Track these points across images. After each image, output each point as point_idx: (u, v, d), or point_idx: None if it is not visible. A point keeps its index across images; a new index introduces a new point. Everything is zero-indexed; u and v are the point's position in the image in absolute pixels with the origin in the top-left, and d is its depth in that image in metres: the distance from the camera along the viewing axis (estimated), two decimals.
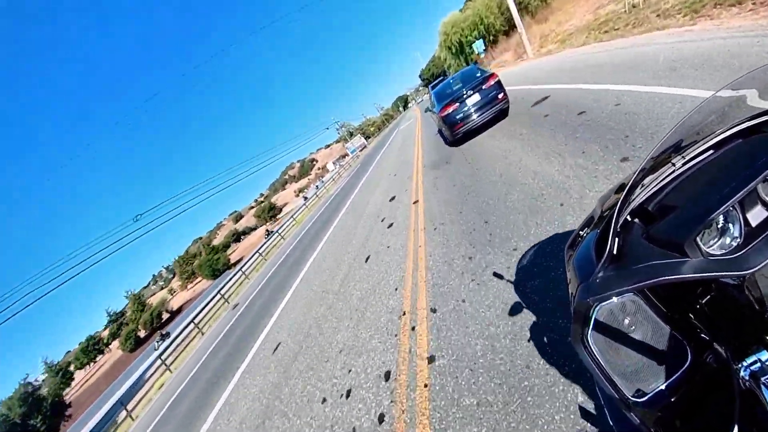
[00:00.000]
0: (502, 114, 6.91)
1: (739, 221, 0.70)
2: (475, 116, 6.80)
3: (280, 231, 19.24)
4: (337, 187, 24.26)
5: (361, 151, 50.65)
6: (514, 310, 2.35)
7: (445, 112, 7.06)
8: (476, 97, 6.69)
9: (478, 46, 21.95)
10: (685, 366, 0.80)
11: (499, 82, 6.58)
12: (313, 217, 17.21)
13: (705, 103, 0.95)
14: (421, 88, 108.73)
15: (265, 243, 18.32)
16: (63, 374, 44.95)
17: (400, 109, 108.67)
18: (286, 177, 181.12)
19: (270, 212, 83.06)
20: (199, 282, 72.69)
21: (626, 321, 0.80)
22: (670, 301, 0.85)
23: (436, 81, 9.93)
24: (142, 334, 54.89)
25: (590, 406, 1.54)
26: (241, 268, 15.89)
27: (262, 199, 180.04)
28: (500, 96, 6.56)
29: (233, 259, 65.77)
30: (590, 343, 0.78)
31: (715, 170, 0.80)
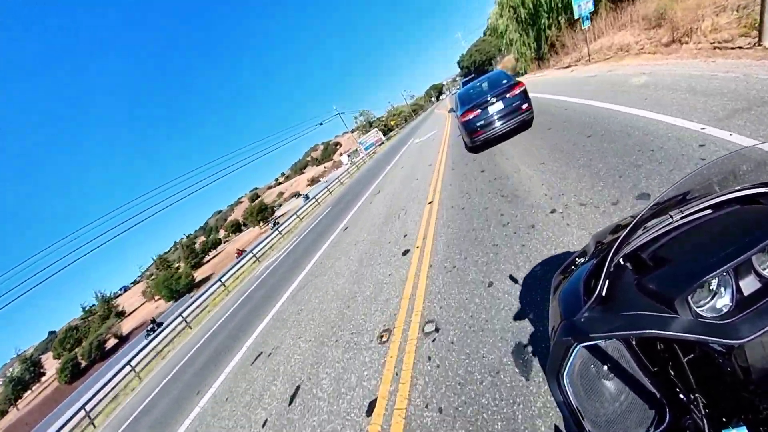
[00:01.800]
0: (524, 125, 6.82)
1: (732, 288, 0.71)
2: (496, 125, 6.76)
3: (254, 252, 16.04)
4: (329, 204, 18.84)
5: (379, 146, 43.78)
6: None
7: (466, 118, 7.04)
8: (499, 105, 6.63)
9: (583, 7, 10.99)
10: (663, 427, 0.78)
11: (524, 92, 6.47)
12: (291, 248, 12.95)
13: (719, 160, 0.97)
14: (458, 78, 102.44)
15: (230, 270, 15.08)
16: None
17: (432, 99, 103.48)
18: (308, 159, 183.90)
19: (260, 214, 72.35)
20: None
21: (605, 367, 0.80)
22: (653, 351, 0.85)
23: (466, 78, 9.94)
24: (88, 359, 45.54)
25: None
26: (205, 293, 14.24)
27: (282, 179, 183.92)
28: (524, 106, 6.47)
29: (205, 272, 58.92)
30: (565, 383, 0.77)
31: (713, 231, 0.82)
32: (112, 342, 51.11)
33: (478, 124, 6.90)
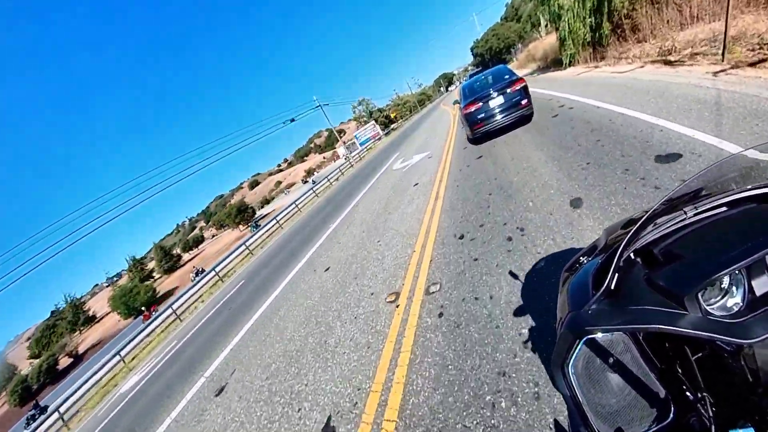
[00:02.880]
0: (524, 120, 7.19)
1: (744, 287, 0.71)
2: (496, 118, 7.14)
3: (218, 270, 13.95)
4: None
5: (377, 140, 40.08)
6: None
7: (468, 110, 7.41)
8: (500, 100, 7.00)
9: None
10: (666, 422, 0.79)
11: (525, 88, 6.83)
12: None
13: (732, 158, 0.99)
14: (469, 68, 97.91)
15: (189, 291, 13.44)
16: None
17: (441, 89, 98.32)
18: (311, 146, 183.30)
19: (239, 216, 64.82)
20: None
21: (611, 359, 0.81)
22: (660, 348, 0.86)
23: (474, 71, 10.23)
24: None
25: (566, 424, 1.61)
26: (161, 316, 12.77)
27: (284, 165, 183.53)
28: (524, 102, 6.84)
29: (173, 282, 53.80)
30: (570, 373, 0.78)
31: (727, 229, 0.82)
32: (66, 361, 46.64)
33: (479, 116, 7.27)
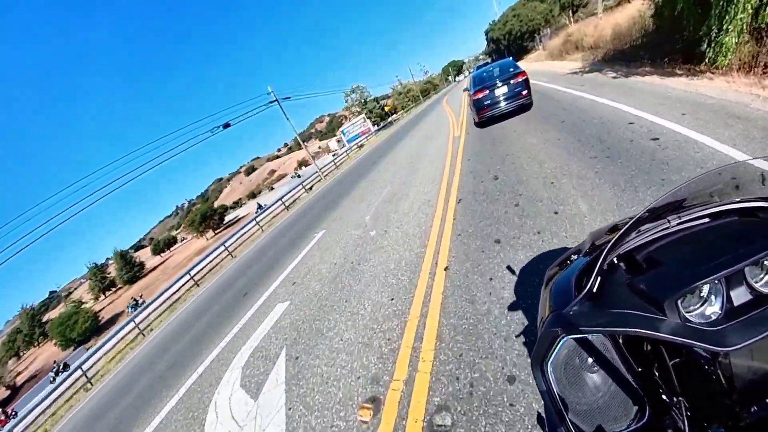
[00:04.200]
0: (523, 108, 8.53)
1: (723, 297, 0.75)
2: (500, 105, 8.48)
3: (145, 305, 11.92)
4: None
5: (366, 139, 34.20)
6: None
7: (476, 97, 8.75)
8: (504, 89, 8.32)
9: None
10: (642, 423, 0.83)
11: (526, 80, 8.14)
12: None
13: (720, 170, 1.02)
14: (480, 56, 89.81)
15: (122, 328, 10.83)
16: None
17: (450, 78, 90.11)
18: (312, 131, 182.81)
19: (203, 224, 54.89)
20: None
21: (590, 360, 0.86)
22: (639, 351, 0.91)
23: (482, 62, 11.31)
24: None
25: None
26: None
27: (285, 150, 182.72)
28: (524, 93, 8.18)
29: (124, 301, 42.43)
30: (549, 371, 0.82)
31: (709, 240, 0.87)
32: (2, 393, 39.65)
33: (486, 102, 8.61)
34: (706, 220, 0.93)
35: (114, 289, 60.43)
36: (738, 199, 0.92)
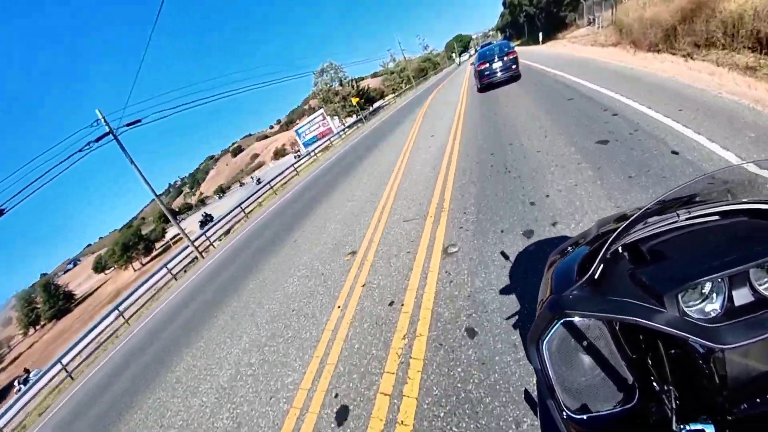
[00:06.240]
0: (513, 79, 11.81)
1: (724, 295, 0.77)
2: (497, 75, 11.73)
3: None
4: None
5: (327, 142, 25.00)
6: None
7: (480, 68, 12.06)
8: (500, 63, 11.55)
9: None
10: (629, 406, 0.88)
11: (516, 58, 11.42)
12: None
13: (734, 168, 1.06)
14: (490, 32, 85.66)
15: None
16: None
17: (454, 56, 76.49)
18: (306, 107, 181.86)
19: (123, 255, 46.87)
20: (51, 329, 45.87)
21: (585, 342, 0.90)
22: (634, 339, 0.95)
23: (485, 42, 14.31)
24: None
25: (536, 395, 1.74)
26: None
27: (277, 127, 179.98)
28: (514, 67, 11.50)
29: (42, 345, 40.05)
30: (544, 348, 0.87)
31: (715, 238, 0.89)
32: None
33: (486, 72, 11.87)
34: (715, 217, 0.95)
35: (41, 324, 52.01)
36: (749, 199, 0.94)
